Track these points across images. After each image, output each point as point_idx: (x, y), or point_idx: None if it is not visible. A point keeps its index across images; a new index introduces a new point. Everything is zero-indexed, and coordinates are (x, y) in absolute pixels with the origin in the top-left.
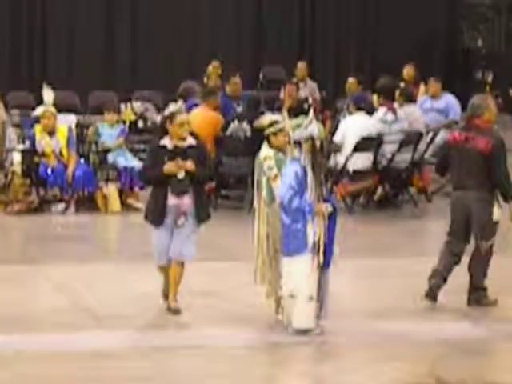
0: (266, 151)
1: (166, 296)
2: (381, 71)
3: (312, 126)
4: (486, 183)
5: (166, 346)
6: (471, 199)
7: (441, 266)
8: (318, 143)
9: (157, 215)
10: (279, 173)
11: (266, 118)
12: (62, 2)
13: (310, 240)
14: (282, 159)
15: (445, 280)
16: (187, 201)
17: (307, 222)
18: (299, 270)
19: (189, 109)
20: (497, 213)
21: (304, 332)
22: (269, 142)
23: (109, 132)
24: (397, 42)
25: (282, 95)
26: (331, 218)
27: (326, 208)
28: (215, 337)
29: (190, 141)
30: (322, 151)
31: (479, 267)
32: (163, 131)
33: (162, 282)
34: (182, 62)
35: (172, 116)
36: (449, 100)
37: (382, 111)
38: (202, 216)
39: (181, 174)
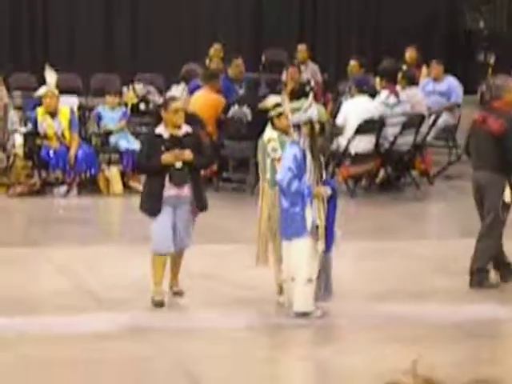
0: (269, 133)
1: (158, 283)
2: (383, 54)
3: (311, 110)
4: (498, 165)
5: (166, 328)
6: (484, 180)
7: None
8: (317, 126)
9: (154, 205)
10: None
11: (270, 101)
12: None
13: (309, 223)
14: (285, 141)
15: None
16: (186, 190)
17: (305, 206)
18: (298, 253)
19: (192, 91)
20: (508, 195)
21: (304, 315)
22: (273, 124)
23: (110, 115)
24: (399, 25)
25: (283, 77)
26: (331, 201)
27: (325, 191)
28: (215, 319)
29: (186, 129)
30: (322, 134)
31: (485, 249)
32: (159, 118)
33: (156, 270)
34: (183, 45)
35: (166, 103)
36: (451, 82)
37: (384, 94)
38: (200, 205)
39: (178, 164)
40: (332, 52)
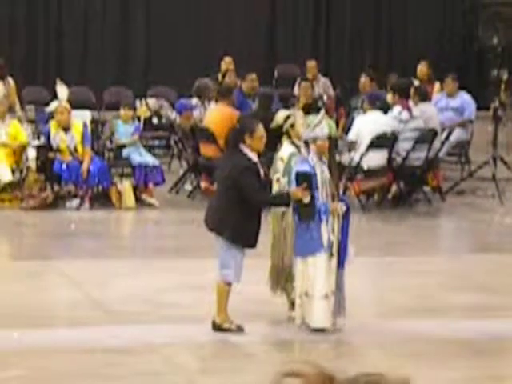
0: (282, 152)
1: (225, 310)
2: (395, 69)
3: (319, 128)
4: None
5: (178, 342)
6: None
7: None
8: (326, 144)
9: (254, 238)
10: (282, 179)
11: (280, 115)
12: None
13: (325, 240)
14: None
15: None
16: None
17: (321, 222)
18: (314, 270)
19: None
20: None
21: (320, 331)
22: (289, 137)
23: (123, 128)
24: (412, 40)
25: (295, 92)
26: (345, 217)
27: (341, 207)
28: (227, 333)
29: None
30: (332, 149)
31: None
32: (236, 144)
33: (226, 298)
34: (196, 59)
35: (253, 130)
36: (464, 98)
37: (396, 109)
38: None
39: (307, 199)
40: (345, 67)
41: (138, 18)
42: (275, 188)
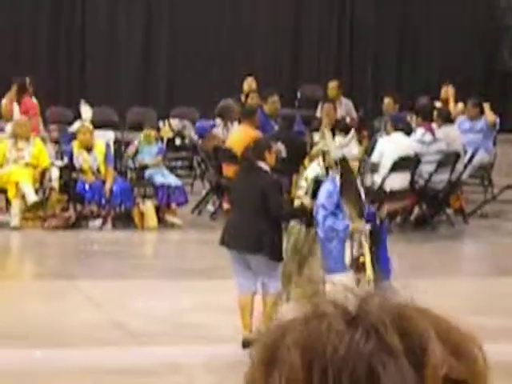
0: (308, 171)
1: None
2: (419, 91)
3: (347, 149)
4: None
5: (201, 362)
6: None
7: None
8: (353, 164)
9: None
10: (304, 198)
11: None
12: (101, 19)
13: (348, 259)
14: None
15: None
16: None
17: (342, 241)
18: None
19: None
20: None
21: None
22: (324, 161)
23: (147, 149)
24: (435, 62)
25: (318, 114)
26: (381, 229)
27: (363, 226)
28: (244, 353)
29: None
30: (354, 171)
31: None
32: (255, 161)
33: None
34: (219, 80)
35: (270, 146)
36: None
37: (420, 131)
38: None
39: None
40: (368, 88)
41: (161, 39)
42: (296, 203)
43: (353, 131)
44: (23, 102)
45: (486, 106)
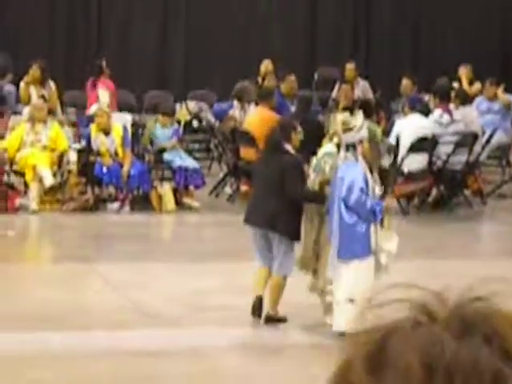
0: (321, 149)
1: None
2: (436, 72)
3: (363, 131)
4: None
5: (220, 345)
6: None
7: None
8: (367, 145)
9: (300, 231)
10: (312, 174)
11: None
12: (117, 2)
13: (373, 244)
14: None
15: None
16: None
17: (370, 225)
18: (360, 275)
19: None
20: None
21: None
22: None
23: (162, 132)
24: (452, 43)
25: (333, 95)
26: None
27: (392, 201)
28: (263, 335)
29: None
30: (378, 153)
31: None
32: (281, 142)
33: (282, 292)
34: (235, 62)
35: (296, 127)
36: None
37: (437, 112)
38: None
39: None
40: (385, 70)
41: (178, 21)
42: (308, 183)
43: (361, 113)
44: (101, 82)
45: (500, 88)
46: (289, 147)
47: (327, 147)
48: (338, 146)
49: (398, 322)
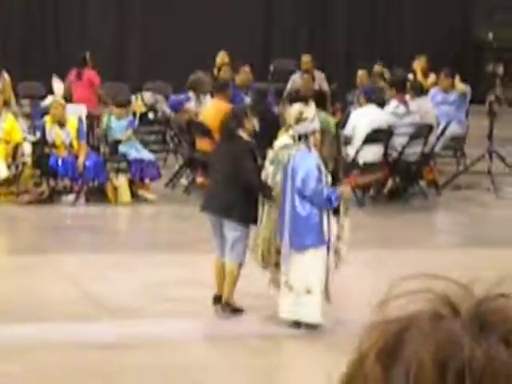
0: (277, 142)
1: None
2: (392, 63)
3: (316, 121)
4: None
5: (176, 337)
6: None
7: None
8: (318, 136)
9: (257, 215)
10: (269, 167)
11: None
12: None
13: (326, 234)
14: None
15: None
16: None
17: (323, 214)
18: (315, 265)
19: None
20: None
21: (315, 327)
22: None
23: (117, 124)
24: (408, 34)
25: (288, 86)
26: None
27: (347, 189)
28: (223, 327)
29: None
30: (333, 144)
31: None
32: (234, 129)
33: (237, 279)
34: (191, 53)
35: (247, 113)
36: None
37: (393, 103)
38: None
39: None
40: (340, 61)
41: (134, 13)
42: (262, 176)
43: (313, 103)
44: (86, 75)
45: (457, 77)
46: (242, 133)
47: (283, 139)
48: (293, 137)
49: (417, 314)
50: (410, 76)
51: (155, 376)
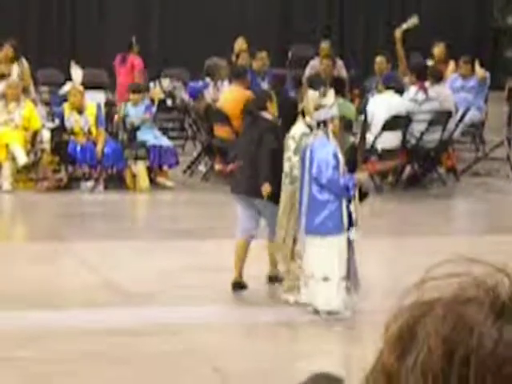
0: (294, 130)
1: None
2: (410, 50)
3: (335, 108)
4: None
5: (194, 323)
6: None
7: None
8: (337, 123)
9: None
10: (294, 157)
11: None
12: None
13: (345, 219)
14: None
15: None
16: None
17: (342, 202)
18: (334, 252)
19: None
20: None
21: (334, 314)
22: (304, 117)
23: (134, 110)
24: (427, 21)
25: (306, 73)
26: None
27: (363, 176)
28: (238, 313)
29: None
30: (350, 131)
31: None
32: (258, 112)
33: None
34: (209, 40)
35: (271, 96)
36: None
37: (413, 90)
38: None
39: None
40: (359, 48)
41: (152, 0)
42: (286, 166)
43: (332, 90)
44: (130, 60)
45: (477, 63)
46: (266, 115)
47: (300, 127)
48: (309, 125)
49: (438, 298)
50: (430, 62)
51: (172, 361)
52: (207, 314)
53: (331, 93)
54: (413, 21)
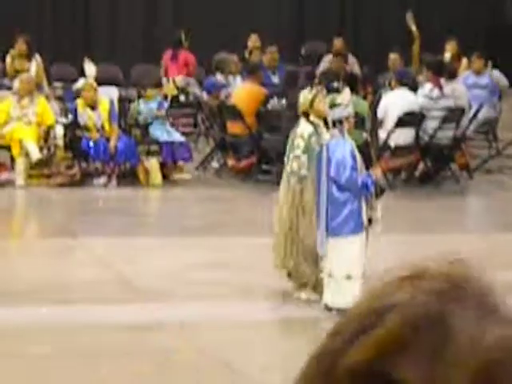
0: (301, 130)
1: None
2: (423, 46)
3: (350, 107)
4: None
5: (206, 319)
6: None
7: None
8: (352, 121)
9: None
10: (303, 156)
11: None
12: None
13: (365, 218)
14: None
15: None
16: None
17: (362, 200)
18: (355, 251)
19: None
20: None
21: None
22: (307, 116)
23: (146, 106)
24: (439, 17)
25: (320, 69)
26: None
27: (378, 172)
28: (252, 310)
29: None
30: (363, 128)
31: None
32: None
33: None
34: (222, 36)
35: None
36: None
37: (428, 86)
38: None
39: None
40: (372, 45)
41: None
42: (294, 165)
43: (348, 89)
44: (182, 55)
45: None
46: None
47: (307, 127)
48: (312, 123)
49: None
50: (447, 56)
51: (183, 358)
52: (219, 310)
53: (347, 91)
54: (410, 18)
